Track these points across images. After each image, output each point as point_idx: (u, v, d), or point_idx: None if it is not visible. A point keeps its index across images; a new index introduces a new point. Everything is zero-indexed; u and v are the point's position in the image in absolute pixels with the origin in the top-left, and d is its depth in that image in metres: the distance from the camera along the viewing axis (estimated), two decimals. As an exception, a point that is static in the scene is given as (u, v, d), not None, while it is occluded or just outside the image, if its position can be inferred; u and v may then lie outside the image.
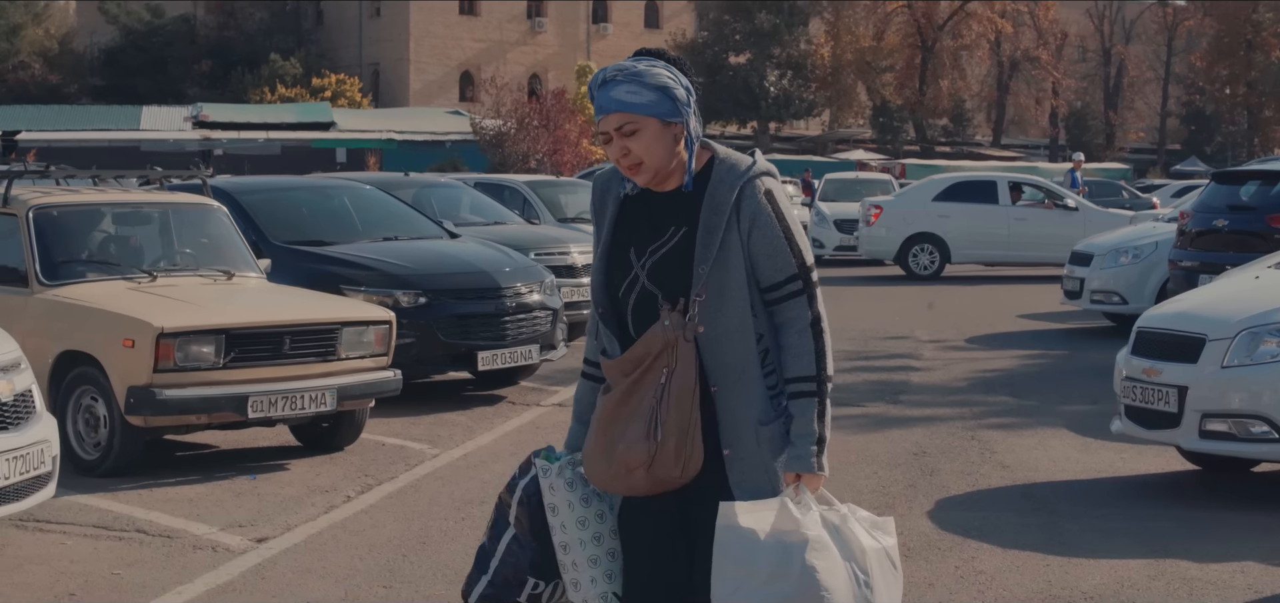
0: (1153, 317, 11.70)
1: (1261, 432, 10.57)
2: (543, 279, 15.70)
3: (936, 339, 21.27)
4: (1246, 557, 9.24)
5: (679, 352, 4.58)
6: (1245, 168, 21.60)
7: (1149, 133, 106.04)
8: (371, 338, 12.19)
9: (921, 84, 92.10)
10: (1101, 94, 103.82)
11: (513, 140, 50.10)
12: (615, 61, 4.73)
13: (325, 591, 8.49)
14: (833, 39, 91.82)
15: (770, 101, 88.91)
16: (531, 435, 13.45)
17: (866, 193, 38.11)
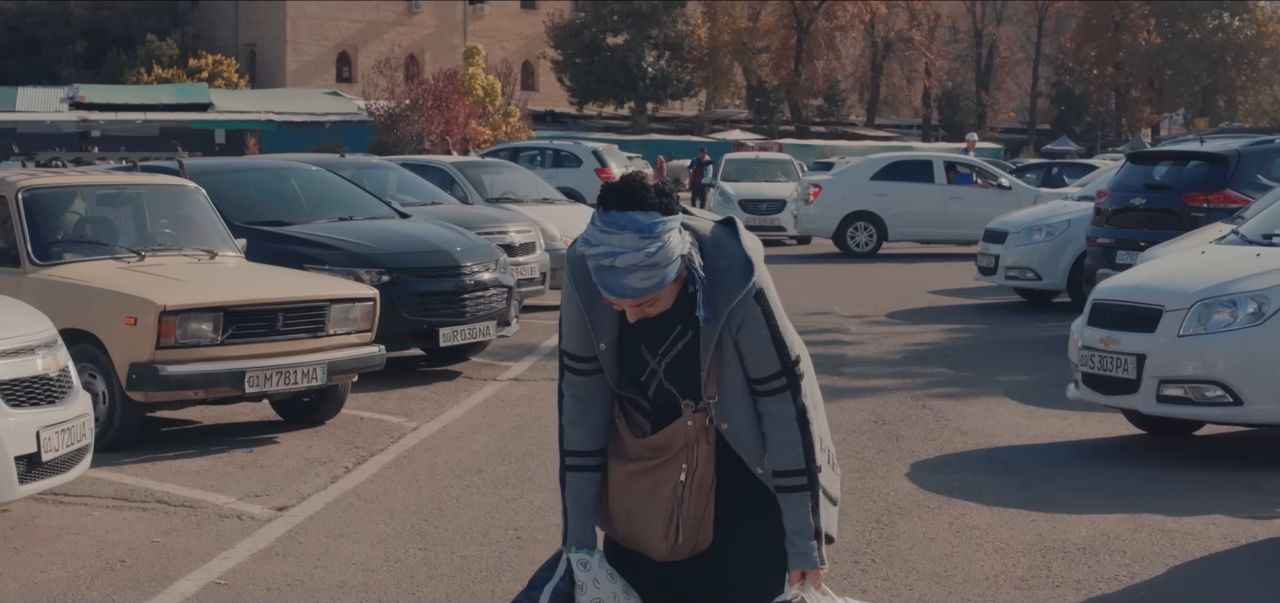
0: (1108, 289, 12.32)
1: (1216, 395, 11.21)
2: (496, 258, 16.12)
3: (857, 314, 21.88)
4: (1214, 511, 9.86)
5: (699, 453, 4.77)
6: (1159, 149, 22.39)
7: (1020, 113, 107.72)
8: (357, 315, 12.57)
9: (797, 64, 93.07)
10: (973, 75, 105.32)
11: (407, 121, 50.29)
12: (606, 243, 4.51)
13: (364, 553, 8.88)
14: (710, 20, 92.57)
15: (648, 82, 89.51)
16: (498, 409, 13.88)
17: (765, 173, 38.70)
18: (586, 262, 4.54)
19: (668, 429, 4.76)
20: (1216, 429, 12.57)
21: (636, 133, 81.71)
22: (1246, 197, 17.82)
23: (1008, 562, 8.72)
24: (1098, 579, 8.38)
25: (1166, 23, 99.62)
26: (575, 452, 4.84)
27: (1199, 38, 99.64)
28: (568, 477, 4.86)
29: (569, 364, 4.80)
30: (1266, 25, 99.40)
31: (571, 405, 4.83)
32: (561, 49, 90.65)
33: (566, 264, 4.77)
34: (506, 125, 55.42)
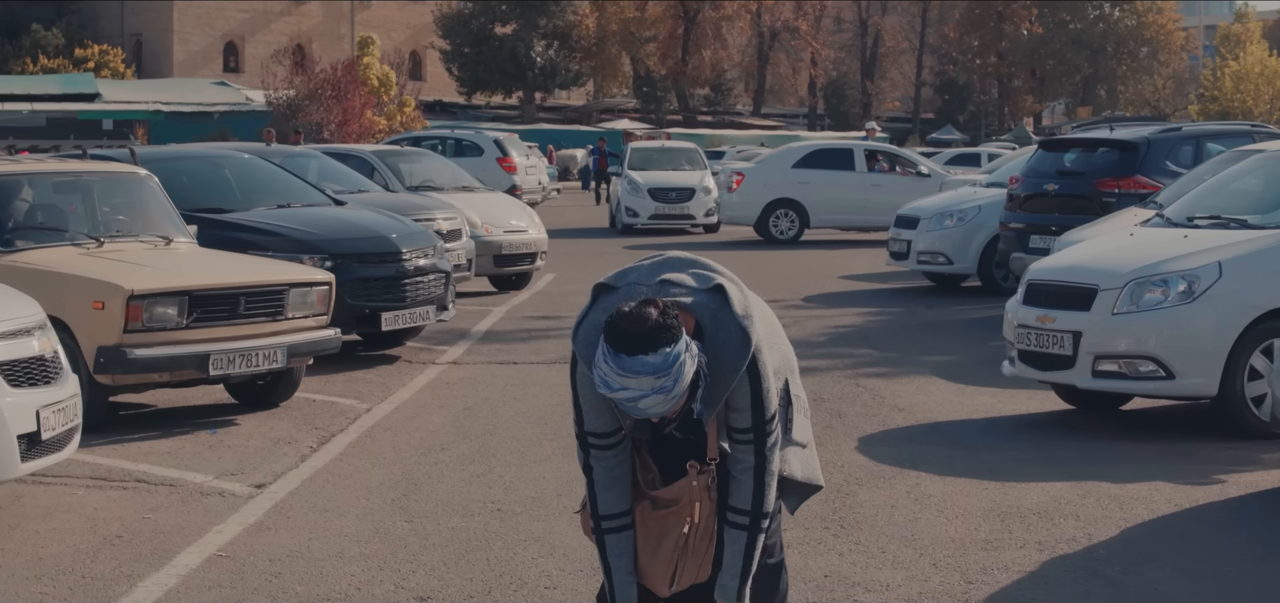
0: (1043, 270, 12.83)
1: (1150, 370, 11.76)
2: (434, 244, 16.42)
3: (774, 300, 22.18)
4: (1156, 479, 10.37)
5: (702, 509, 5.24)
6: (1069, 136, 23.02)
7: (904, 102, 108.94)
8: (314, 299, 12.85)
9: (684, 54, 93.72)
10: (858, 64, 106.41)
11: (305, 111, 50.31)
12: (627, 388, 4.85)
13: (352, 526, 9.19)
14: (598, 10, 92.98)
15: (536, 72, 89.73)
16: (444, 391, 14.20)
17: (672, 162, 39.07)
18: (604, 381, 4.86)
19: (676, 486, 5.23)
20: (1143, 404, 13.13)
21: (525, 122, 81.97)
22: (1156, 182, 18.44)
23: (969, 526, 9.17)
24: (1057, 541, 8.83)
25: (1048, 13, 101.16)
26: (612, 515, 5.25)
27: (1080, 28, 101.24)
28: (609, 540, 5.26)
29: (595, 444, 5.19)
30: (1146, 16, 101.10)
31: (602, 476, 5.23)
32: (450, 39, 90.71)
33: (581, 355, 5.09)
34: (402, 115, 55.54)
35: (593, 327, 5.02)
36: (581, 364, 5.08)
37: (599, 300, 5.10)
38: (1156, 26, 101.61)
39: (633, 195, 37.31)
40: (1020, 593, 7.87)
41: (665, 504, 5.21)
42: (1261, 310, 11.67)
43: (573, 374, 5.15)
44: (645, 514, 5.24)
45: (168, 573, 8.22)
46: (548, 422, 12.62)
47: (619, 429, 5.14)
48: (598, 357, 4.84)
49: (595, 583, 7.87)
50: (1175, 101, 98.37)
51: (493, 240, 22.18)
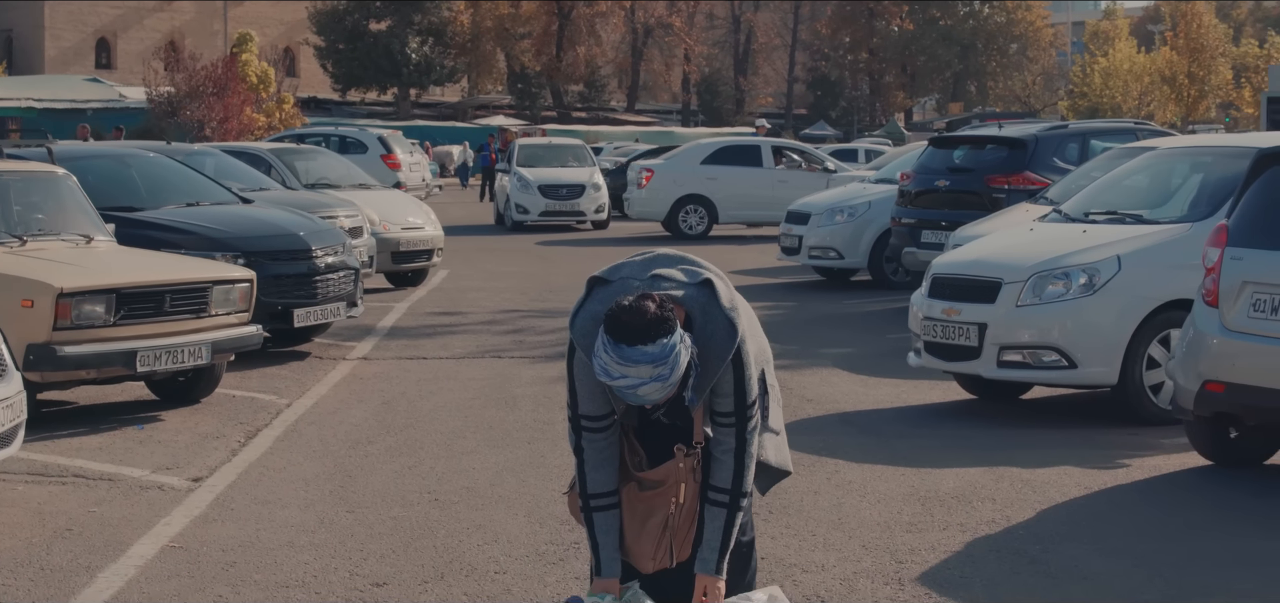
0: (947, 264, 13.27)
1: (1053, 360, 12.24)
2: (343, 241, 16.63)
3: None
4: (1063, 463, 10.83)
5: (687, 489, 5.65)
6: (958, 133, 23.57)
7: (777, 98, 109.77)
8: (236, 296, 13.04)
9: (558, 50, 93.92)
10: (732, 60, 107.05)
11: (185, 108, 50.07)
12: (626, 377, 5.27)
13: (297, 517, 9.43)
14: (472, 6, 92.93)
15: (411, 68, 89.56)
16: (360, 386, 14.42)
17: (559, 158, 39.27)
18: (604, 369, 5.27)
19: (663, 468, 5.63)
20: (1042, 392, 13.62)
21: (401, 119, 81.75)
22: (1044, 178, 18.98)
23: (892, 510, 9.56)
24: (978, 522, 9.24)
25: (919, 10, 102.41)
26: (600, 494, 5.64)
27: (951, 25, 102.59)
28: (597, 517, 5.64)
29: (588, 426, 5.58)
30: (1016, 12, 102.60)
31: (593, 456, 5.61)
32: (324, 35, 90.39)
33: (579, 343, 5.47)
34: (280, 112, 55.42)
35: (589, 317, 5.34)
36: (579, 352, 5.37)
37: (593, 292, 5.41)
38: (1026, 23, 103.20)
39: (523, 192, 37.51)
40: (949, 572, 8.25)
41: (652, 486, 5.55)
42: (1158, 302, 12.18)
43: (569, 360, 5.48)
44: (632, 495, 5.57)
45: (124, 564, 8.41)
46: (468, 415, 12.90)
47: (610, 414, 5.48)
48: (598, 347, 5.16)
49: (543, 569, 8.24)
50: (1045, 97, 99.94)
51: (391, 237, 22.37)
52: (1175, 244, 12.36)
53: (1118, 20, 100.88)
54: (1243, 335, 10.04)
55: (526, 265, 27.90)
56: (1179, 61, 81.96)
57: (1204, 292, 10.40)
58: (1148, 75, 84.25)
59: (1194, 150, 14.45)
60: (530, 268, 27.30)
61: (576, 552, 8.60)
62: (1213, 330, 10.25)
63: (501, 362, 15.99)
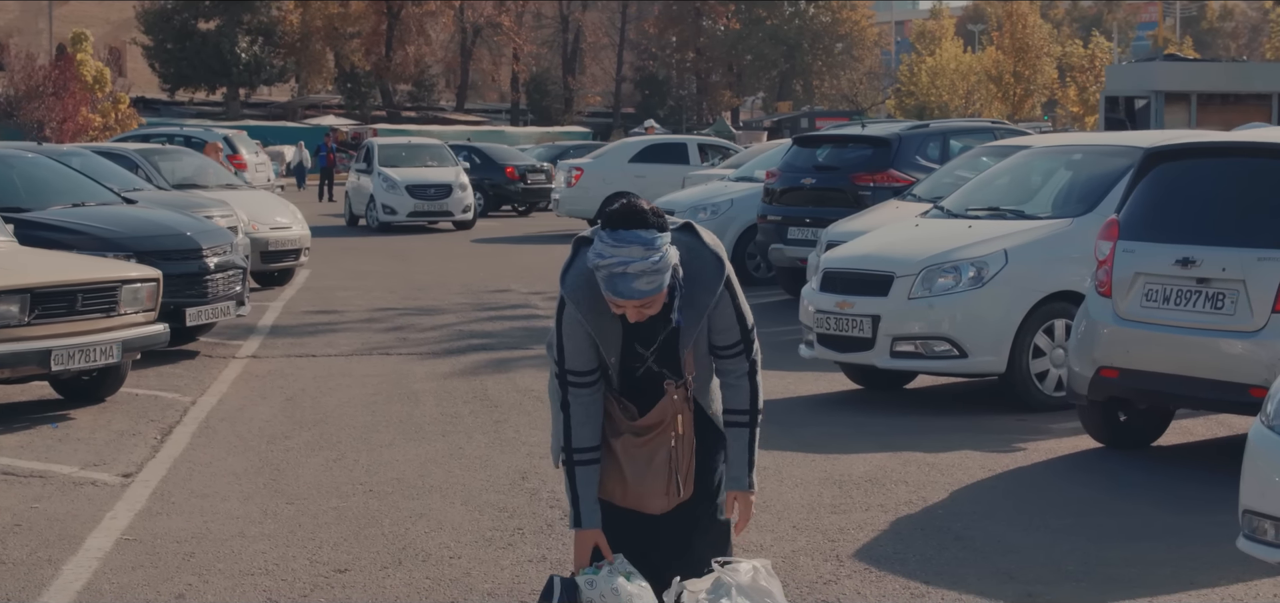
0: (837, 259, 13.77)
1: (944, 349, 12.79)
2: (231, 241, 16.78)
3: (536, 291, 23.06)
4: (963, 448, 11.35)
5: (684, 420, 5.93)
6: (822, 133, 24.14)
7: (605, 97, 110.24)
8: (144, 295, 13.20)
9: (388, 50, 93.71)
10: (560, 59, 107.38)
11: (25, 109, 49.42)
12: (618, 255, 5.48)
13: (239, 509, 9.68)
14: (302, 5, 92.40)
15: (241, 68, 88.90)
16: (258, 383, 14.62)
17: (420, 158, 39.25)
18: (596, 275, 5.55)
19: (657, 408, 5.88)
20: (926, 382, 14.18)
21: (230, 119, 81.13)
22: (908, 176, 19.58)
23: (812, 493, 10.01)
24: (896, 504, 9.72)
25: (745, 10, 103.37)
26: (584, 449, 5.87)
27: (777, 24, 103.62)
28: (579, 471, 5.88)
29: (574, 381, 5.83)
30: (841, 12, 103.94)
31: (578, 412, 5.85)
32: (152, 34, 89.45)
33: (569, 298, 5.72)
34: (116, 112, 54.89)
35: (579, 272, 5.68)
36: (568, 306, 5.72)
37: (580, 252, 5.75)
38: (851, 22, 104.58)
39: (390, 193, 37.23)
40: (882, 549, 8.71)
41: (648, 429, 5.88)
42: (1043, 294, 12.77)
43: (559, 317, 5.78)
44: (629, 445, 5.89)
45: (84, 557, 8.61)
46: (375, 411, 13.16)
47: (596, 370, 5.81)
48: (594, 239, 5.55)
49: (495, 554, 8.58)
50: (872, 96, 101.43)
51: (260, 237, 22.48)
52: (1058, 239, 12.96)
53: (944, 20, 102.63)
54: (1136, 324, 10.62)
55: (386, 264, 28.08)
56: (1005, 61, 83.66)
57: (1097, 283, 10.97)
58: (974, 74, 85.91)
59: (1066, 149, 15.10)
60: (390, 267, 27.48)
61: (521, 537, 8.95)
62: (1106, 319, 10.82)
63: (391, 359, 16.23)
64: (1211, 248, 10.22)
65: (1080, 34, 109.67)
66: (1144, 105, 37.36)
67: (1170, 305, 10.42)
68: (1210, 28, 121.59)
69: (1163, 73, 37.79)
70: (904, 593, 7.88)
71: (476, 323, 19.41)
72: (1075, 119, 78.51)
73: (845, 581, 8.13)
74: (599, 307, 5.69)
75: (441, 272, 26.44)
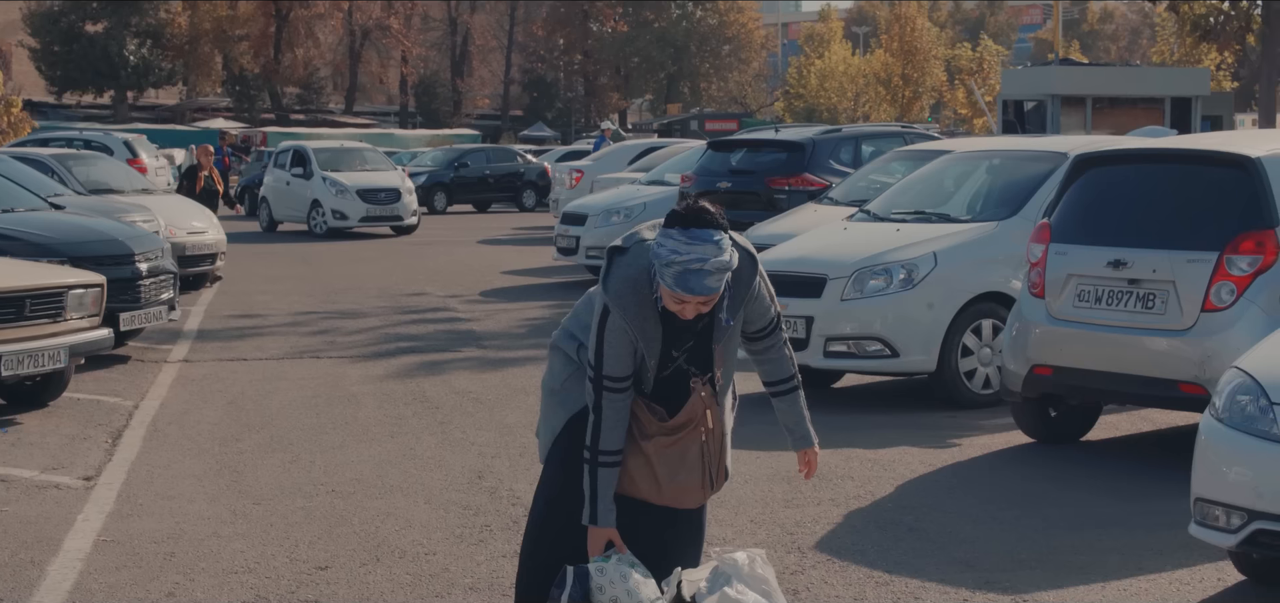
0: (770, 261, 14.07)
1: (876, 349, 13.21)
2: (161, 246, 16.93)
3: (453, 294, 23.33)
4: (901, 445, 11.76)
5: (713, 414, 6.35)
6: (736, 137, 24.55)
7: (494, 100, 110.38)
8: (89, 301, 13.34)
9: (276, 52, 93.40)
10: (448, 62, 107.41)
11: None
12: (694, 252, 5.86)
13: (207, 510, 9.88)
14: (190, 8, 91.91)
15: (129, 70, 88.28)
16: (197, 387, 14.77)
17: (360, 162, 39.01)
18: (664, 273, 5.88)
19: (687, 407, 6.27)
20: (853, 381, 14.59)
21: (118, 122, 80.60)
22: (822, 179, 20.03)
23: (765, 489, 10.36)
24: (846, 498, 10.10)
25: (633, 11, 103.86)
26: (611, 451, 6.21)
27: (664, 27, 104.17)
28: (601, 473, 6.22)
29: (612, 386, 6.15)
30: (728, 14, 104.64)
31: (610, 416, 6.18)
32: (39, 36, 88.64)
33: (615, 304, 6.04)
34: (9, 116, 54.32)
35: (621, 279, 6.03)
36: (614, 312, 6.04)
37: (616, 260, 6.08)
38: (738, 25, 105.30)
39: (341, 198, 36.95)
40: (840, 541, 9.08)
41: (679, 429, 6.20)
42: (971, 295, 13.23)
43: (602, 324, 6.09)
44: (661, 447, 6.22)
45: (66, 559, 8.80)
46: (319, 413, 13.38)
47: (630, 376, 6.14)
48: (661, 238, 5.90)
49: (468, 550, 8.86)
50: (759, 98, 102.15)
51: (177, 242, 22.50)
52: (984, 241, 13.42)
53: (832, 23, 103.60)
54: (1069, 323, 11.06)
55: (295, 268, 28.21)
56: (893, 63, 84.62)
57: (1030, 284, 11.40)
58: (862, 77, 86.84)
59: (986, 154, 15.55)
60: (300, 271, 27.59)
61: (490, 534, 9.24)
62: (1040, 319, 11.25)
63: (322, 362, 16.44)
64: (1142, 250, 10.68)
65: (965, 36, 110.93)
66: (1033, 108, 38.11)
67: (1102, 306, 10.86)
68: (1091, 29, 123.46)
69: (1058, 77, 38.55)
70: (869, 582, 8.24)
71: (400, 326, 19.63)
72: (963, 121, 79.57)
73: (810, 571, 8.47)
74: (644, 311, 6.05)
75: (352, 276, 26.59)
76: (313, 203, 37.93)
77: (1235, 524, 7.29)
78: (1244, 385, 7.45)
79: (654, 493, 6.32)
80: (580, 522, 6.31)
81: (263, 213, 40.13)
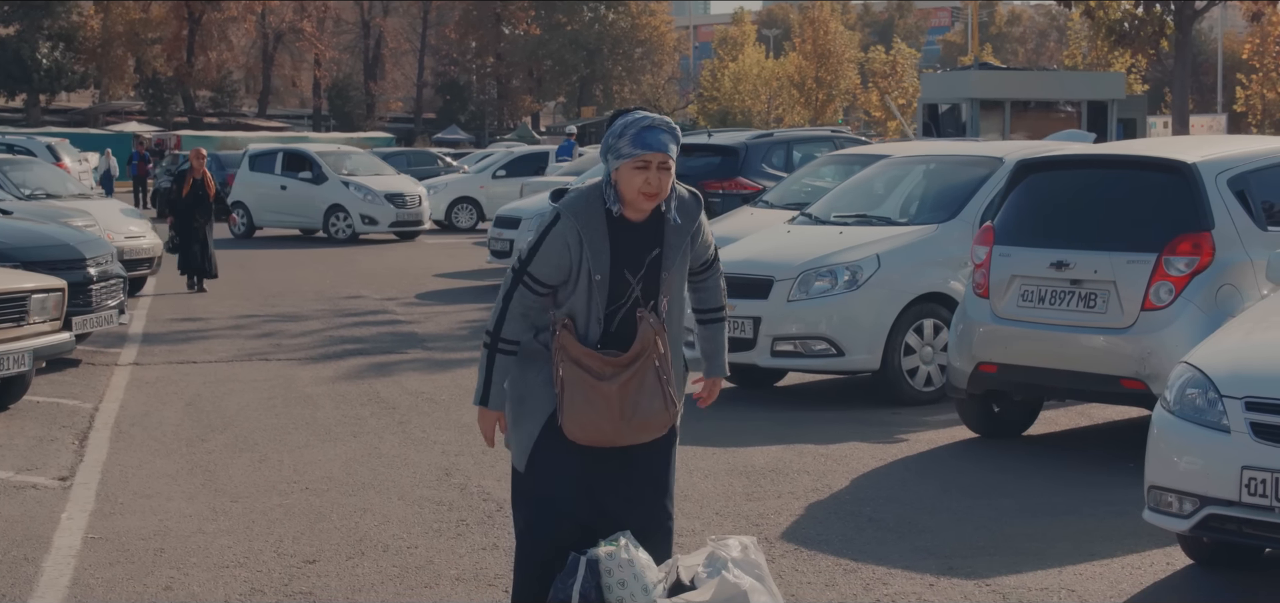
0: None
1: (822, 348, 13.64)
2: (111, 251, 17.16)
3: (389, 297, 23.63)
4: (850, 440, 12.18)
5: (662, 340, 6.67)
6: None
7: (407, 103, 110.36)
8: (51, 305, 13.59)
9: (189, 55, 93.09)
10: (361, 65, 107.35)
11: None
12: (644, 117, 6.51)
13: (187, 508, 10.17)
14: (103, 11, 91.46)
15: (42, 74, 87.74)
16: (153, 389, 15.01)
17: (365, 167, 38.78)
18: (626, 135, 6.37)
19: (639, 337, 6.61)
20: (795, 379, 15.01)
21: (31, 126, 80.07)
22: (756, 183, 20.46)
23: (724, 483, 10.75)
24: (805, 490, 10.50)
25: (545, 15, 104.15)
26: (510, 340, 6.61)
27: (577, 29, 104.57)
28: (498, 358, 6.63)
29: (530, 284, 6.52)
30: (640, 18, 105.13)
31: (517, 309, 6.56)
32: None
33: (567, 209, 6.46)
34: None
35: (574, 195, 6.53)
36: (563, 218, 6.45)
37: (565, 195, 6.58)
38: (650, 28, 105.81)
39: (370, 203, 36.73)
40: (805, 531, 9.47)
41: (635, 360, 6.57)
42: (913, 295, 13.69)
43: (546, 229, 6.50)
44: (624, 385, 6.55)
45: (58, 556, 9.06)
46: (279, 414, 13.67)
47: (550, 288, 6.53)
48: (609, 131, 6.48)
49: (449, 543, 9.20)
50: (672, 101, 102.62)
51: (115, 246, 22.67)
52: (925, 244, 13.89)
53: (745, 26, 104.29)
54: (1013, 322, 11.53)
55: (229, 272, 28.18)
56: (807, 66, 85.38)
57: (975, 285, 11.86)
58: (776, 80, 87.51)
59: (923, 158, 16.05)
60: (235, 276, 27.60)
61: (468, 528, 9.58)
62: (984, 319, 11.71)
63: (271, 364, 16.70)
64: (1083, 251, 11.15)
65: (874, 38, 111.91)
66: (947, 111, 38.73)
67: (1046, 305, 11.33)
68: (999, 32, 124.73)
69: (977, 81, 39.21)
70: (837, 570, 8.64)
71: (342, 329, 19.91)
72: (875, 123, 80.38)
73: (780, 561, 8.85)
74: (594, 219, 6.45)
75: (287, 280, 26.82)
76: (331, 208, 37.27)
77: (1188, 510, 7.73)
78: (1194, 380, 7.90)
79: (617, 434, 6.62)
80: (570, 513, 6.69)
81: (242, 219, 38.35)
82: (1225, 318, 10.22)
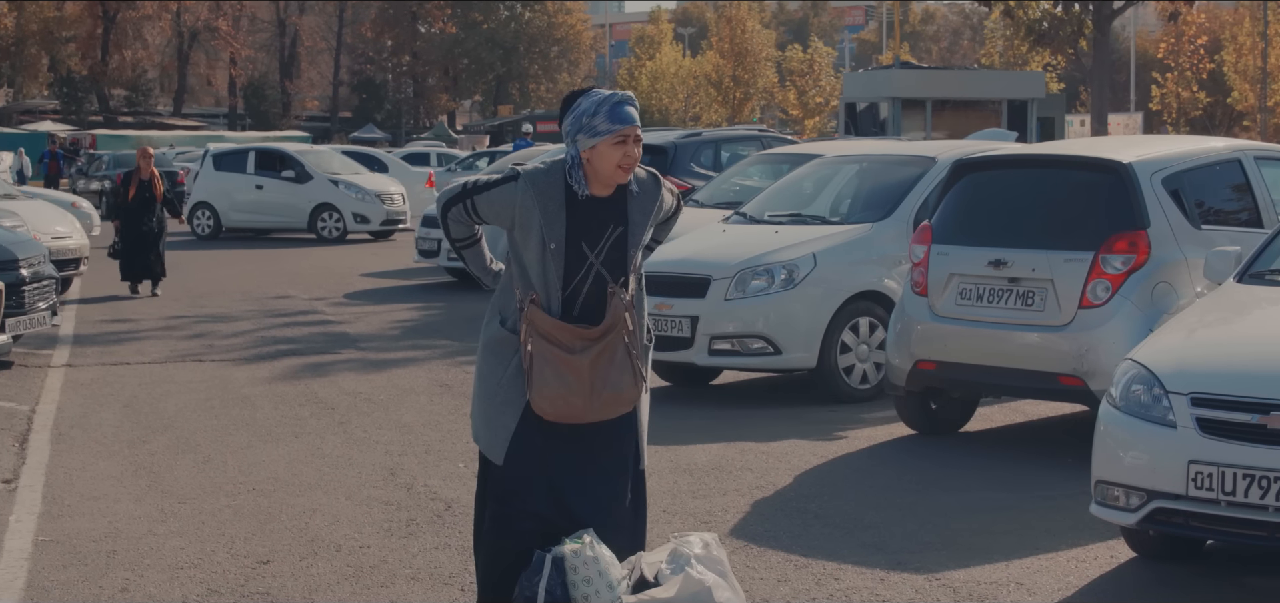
0: (655, 263, 14.46)
1: (759, 347, 13.78)
2: (43, 252, 17.09)
3: (317, 297, 23.61)
4: (789, 438, 12.30)
5: (631, 316, 6.84)
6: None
7: (323, 102, 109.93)
8: (-12, 307, 13.55)
9: (104, 54, 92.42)
10: (277, 64, 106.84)
11: None
12: (612, 93, 6.72)
13: (136, 510, 10.17)
14: (16, 9, 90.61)
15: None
16: (89, 391, 14.96)
17: (346, 166, 38.61)
18: (599, 112, 6.51)
19: (610, 311, 6.75)
20: (729, 377, 15.14)
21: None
22: (686, 182, 20.57)
23: (668, 481, 10.85)
24: (750, 487, 10.62)
25: (461, 13, 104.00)
26: (464, 237, 6.85)
27: (493, 28, 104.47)
28: (468, 253, 6.94)
29: (470, 211, 6.69)
30: (557, 16, 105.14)
31: (458, 215, 6.73)
32: None
33: (528, 178, 6.62)
34: None
35: (539, 166, 6.68)
36: (523, 184, 6.60)
37: (519, 173, 6.68)
38: (567, 27, 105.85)
39: (363, 202, 36.40)
40: (753, 527, 9.59)
41: (608, 333, 6.71)
42: (849, 294, 13.84)
43: (500, 183, 6.66)
44: (595, 358, 6.69)
45: (11, 559, 9.04)
46: (218, 415, 13.66)
47: (480, 224, 6.78)
48: (574, 112, 6.60)
49: (401, 543, 9.26)
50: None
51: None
52: (860, 243, 14.06)
53: (662, 24, 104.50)
54: (951, 320, 11.70)
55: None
56: (724, 65, 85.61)
57: (913, 283, 12.03)
58: (693, 78, 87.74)
59: (855, 157, 16.21)
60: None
61: (418, 528, 9.64)
62: (923, 317, 11.88)
63: (205, 365, 16.68)
64: (1021, 250, 11.33)
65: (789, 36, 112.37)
66: (865, 109, 39.04)
67: (984, 303, 11.51)
68: (913, 30, 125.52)
69: (899, 80, 39.52)
70: (788, 566, 8.76)
71: (274, 329, 19.89)
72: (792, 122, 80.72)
73: (731, 557, 8.91)
74: (553, 190, 6.58)
75: (213, 280, 26.71)
76: (318, 207, 36.71)
77: (1135, 504, 7.89)
78: (1139, 376, 8.07)
79: (586, 408, 6.72)
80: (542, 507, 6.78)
81: (209, 221, 37.52)
82: (1161, 315, 10.46)
